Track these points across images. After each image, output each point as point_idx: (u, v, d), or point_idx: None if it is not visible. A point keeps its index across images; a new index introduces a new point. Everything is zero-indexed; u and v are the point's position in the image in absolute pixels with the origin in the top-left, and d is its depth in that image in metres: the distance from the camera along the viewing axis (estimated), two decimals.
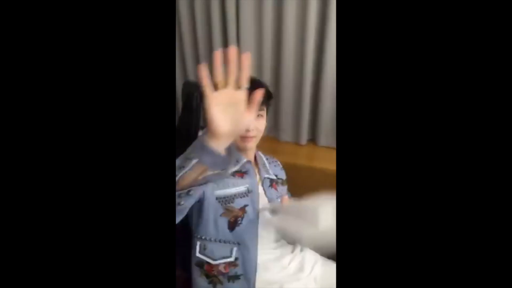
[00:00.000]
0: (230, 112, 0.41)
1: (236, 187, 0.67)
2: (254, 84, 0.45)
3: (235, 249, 0.63)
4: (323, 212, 0.54)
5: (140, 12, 0.41)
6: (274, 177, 0.79)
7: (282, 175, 0.85)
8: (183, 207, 0.46)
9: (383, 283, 0.36)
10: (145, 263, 0.39)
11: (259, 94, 0.40)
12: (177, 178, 0.44)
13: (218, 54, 0.39)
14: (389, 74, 0.36)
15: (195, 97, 0.73)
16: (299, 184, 0.98)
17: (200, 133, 0.75)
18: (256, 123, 0.67)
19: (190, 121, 0.75)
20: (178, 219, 0.47)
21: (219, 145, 0.42)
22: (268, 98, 0.71)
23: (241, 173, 0.69)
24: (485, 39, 0.33)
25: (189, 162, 0.43)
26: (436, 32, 0.34)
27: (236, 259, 0.63)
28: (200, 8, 1.29)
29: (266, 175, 0.76)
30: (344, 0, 0.38)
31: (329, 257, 0.76)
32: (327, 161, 1.16)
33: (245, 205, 0.66)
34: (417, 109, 0.35)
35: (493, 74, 0.33)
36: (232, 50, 0.39)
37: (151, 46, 0.41)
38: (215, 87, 0.40)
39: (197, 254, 0.64)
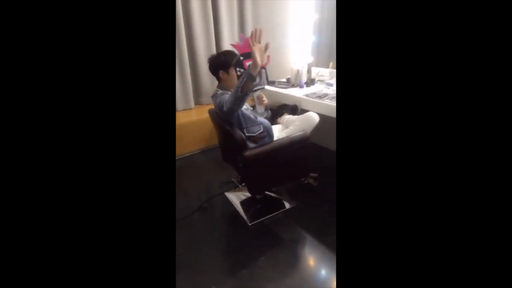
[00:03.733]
0: (260, 54, 1.13)
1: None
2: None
3: (261, 125, 1.47)
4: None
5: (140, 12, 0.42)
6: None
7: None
8: (244, 99, 1.21)
9: (382, 278, 0.38)
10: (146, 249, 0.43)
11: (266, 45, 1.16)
12: (239, 86, 1.15)
13: (255, 30, 1.11)
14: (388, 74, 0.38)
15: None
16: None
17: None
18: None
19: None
20: (241, 106, 1.27)
21: (256, 72, 1.13)
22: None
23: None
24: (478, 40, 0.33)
25: (242, 79, 1.14)
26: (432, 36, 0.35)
27: (263, 129, 1.47)
28: None
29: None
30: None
31: None
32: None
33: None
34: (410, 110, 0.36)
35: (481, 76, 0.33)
36: (259, 28, 1.12)
37: (150, 45, 0.44)
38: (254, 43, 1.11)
39: (246, 134, 1.42)
